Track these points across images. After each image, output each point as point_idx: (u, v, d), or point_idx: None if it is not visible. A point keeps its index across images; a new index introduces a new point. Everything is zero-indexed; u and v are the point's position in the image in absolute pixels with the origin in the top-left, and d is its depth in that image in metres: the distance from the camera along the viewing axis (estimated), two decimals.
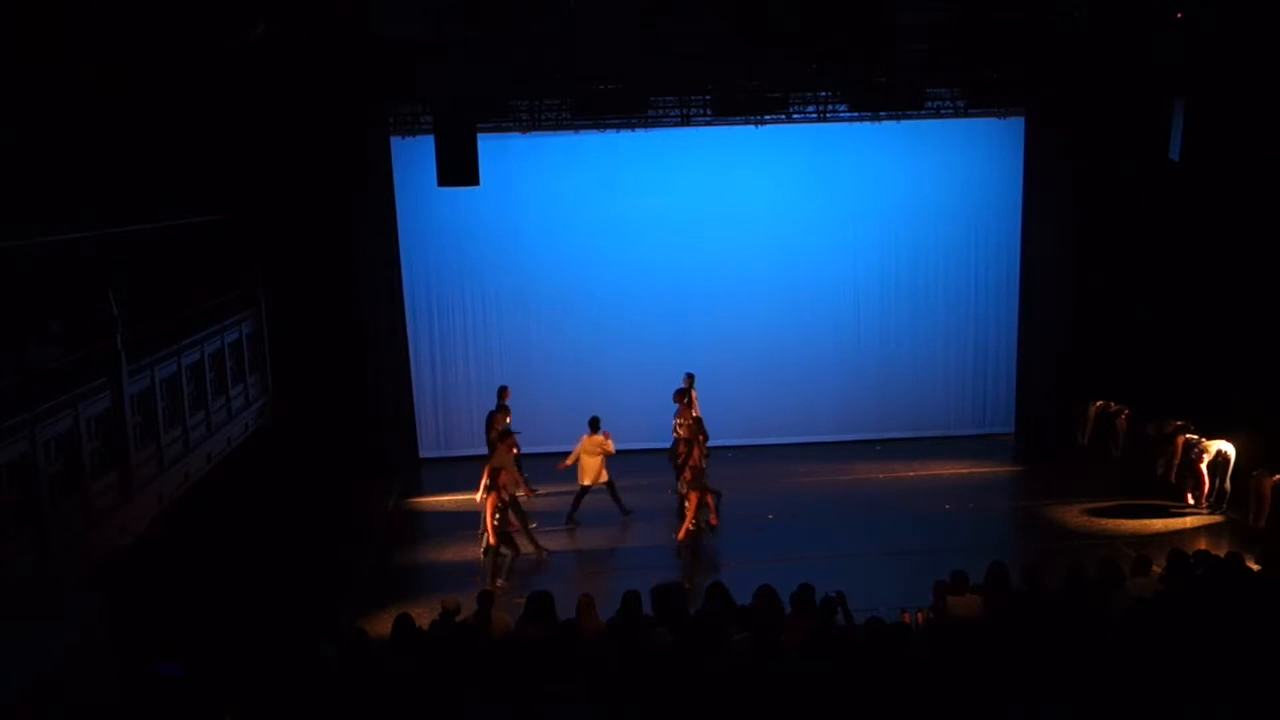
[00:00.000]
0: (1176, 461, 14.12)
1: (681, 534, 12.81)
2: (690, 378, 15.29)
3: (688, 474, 13.09)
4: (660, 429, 16.63)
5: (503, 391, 15.06)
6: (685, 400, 14.81)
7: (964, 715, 7.01)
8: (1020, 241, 17.12)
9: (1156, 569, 9.81)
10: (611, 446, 13.88)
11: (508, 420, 14.39)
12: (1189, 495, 13.91)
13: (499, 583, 11.58)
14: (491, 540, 11.91)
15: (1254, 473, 13.10)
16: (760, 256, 16.92)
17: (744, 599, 8.63)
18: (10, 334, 8.65)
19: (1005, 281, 17.38)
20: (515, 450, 13.91)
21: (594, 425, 14.03)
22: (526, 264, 16.75)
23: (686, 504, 13.03)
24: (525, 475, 14.21)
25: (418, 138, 15.37)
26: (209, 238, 13.78)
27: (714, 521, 13.46)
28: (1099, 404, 16.10)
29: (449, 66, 12.13)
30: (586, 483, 13.87)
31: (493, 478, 12.08)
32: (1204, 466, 13.72)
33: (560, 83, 14.36)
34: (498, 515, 11.85)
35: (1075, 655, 7.45)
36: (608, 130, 15.89)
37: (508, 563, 12.06)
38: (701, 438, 13.69)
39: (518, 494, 13.08)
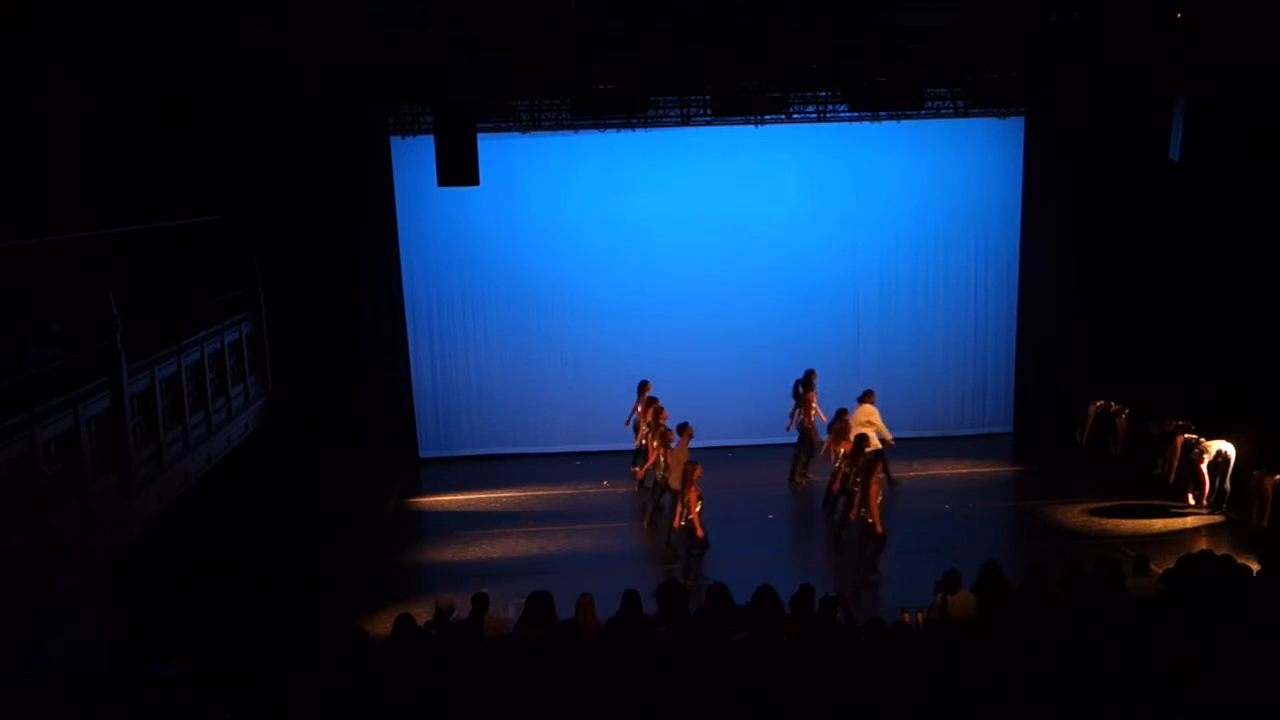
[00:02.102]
0: (1176, 461, 14.11)
1: (879, 527, 12.13)
2: (812, 373, 15.57)
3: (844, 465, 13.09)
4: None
5: (647, 385, 15.37)
6: (811, 395, 15.22)
7: (963, 715, 7.01)
8: (1020, 241, 17.13)
9: (1156, 569, 9.82)
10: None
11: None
12: (1189, 495, 13.91)
13: (689, 580, 11.64)
14: (699, 533, 11.95)
15: (1254, 472, 13.10)
16: (760, 256, 16.93)
17: (744, 599, 8.63)
18: (10, 334, 8.66)
19: (1005, 281, 17.39)
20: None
21: (867, 397, 14.64)
22: (527, 264, 16.74)
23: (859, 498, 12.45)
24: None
25: (418, 138, 15.37)
26: (209, 238, 13.78)
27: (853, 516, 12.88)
28: (1099, 404, 16.09)
29: (449, 66, 12.13)
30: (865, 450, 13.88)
31: (688, 473, 12.06)
32: (1204, 466, 13.72)
33: (560, 83, 14.35)
34: (699, 507, 11.93)
35: (1075, 655, 7.46)
36: (608, 130, 15.88)
37: (701, 556, 12.08)
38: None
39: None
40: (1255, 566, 9.76)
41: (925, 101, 15.10)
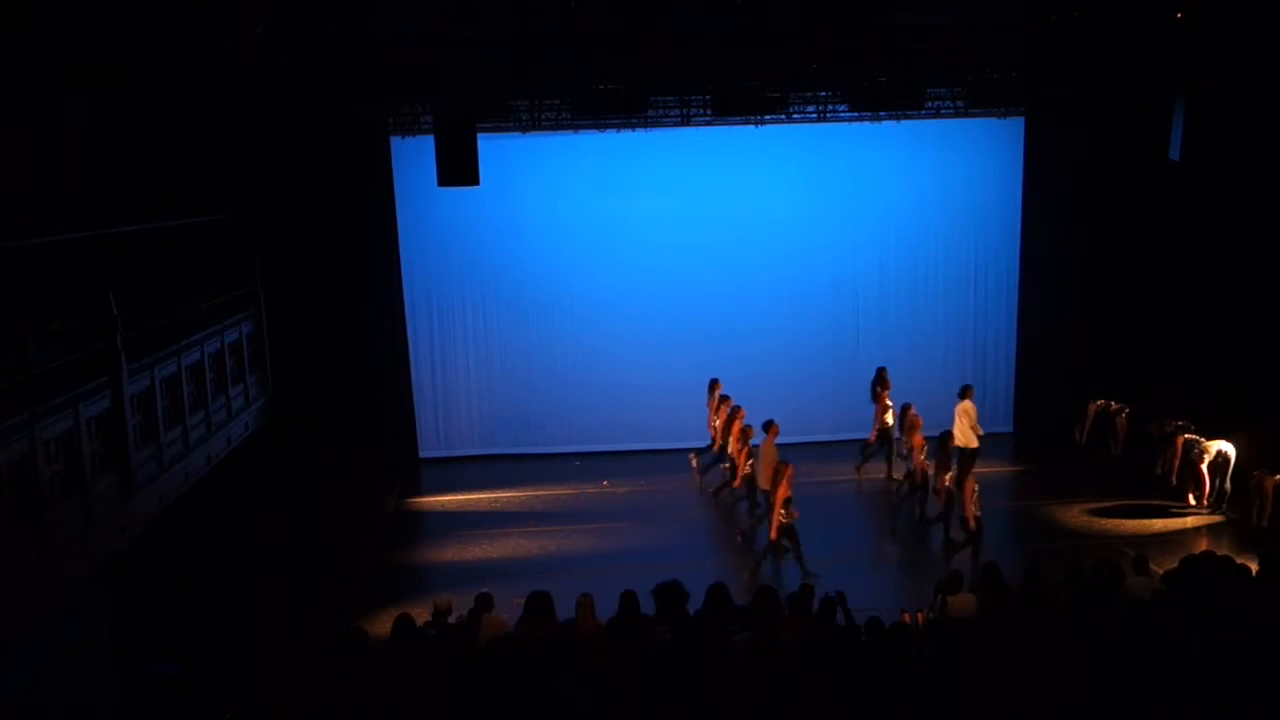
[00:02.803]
0: (1176, 462, 14.11)
1: (972, 522, 12.30)
2: (883, 371, 15.82)
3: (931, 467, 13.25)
4: (659, 429, 16.70)
5: (716, 383, 15.55)
6: (887, 395, 15.50)
7: (963, 715, 7.01)
8: (1020, 241, 17.13)
9: (1156, 569, 9.82)
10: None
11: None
12: (1189, 495, 13.90)
13: (807, 576, 11.69)
14: (773, 536, 12.08)
15: (1254, 473, 13.10)
16: (760, 256, 16.92)
17: (744, 599, 8.62)
18: (10, 334, 8.65)
19: (1005, 281, 17.39)
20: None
21: (965, 393, 14.76)
22: (526, 264, 16.74)
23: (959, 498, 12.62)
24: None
25: (418, 138, 15.36)
26: (209, 238, 13.78)
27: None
28: (1099, 403, 16.09)
29: (449, 66, 12.15)
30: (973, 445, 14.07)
31: (780, 471, 12.14)
32: (1204, 467, 13.71)
33: (560, 83, 14.36)
34: (785, 510, 12.03)
35: (1074, 655, 7.45)
36: (608, 130, 15.87)
37: (789, 556, 12.16)
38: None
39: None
40: (1255, 566, 9.76)
41: (925, 101, 15.12)
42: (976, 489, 12.27)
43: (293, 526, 13.42)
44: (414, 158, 15.34)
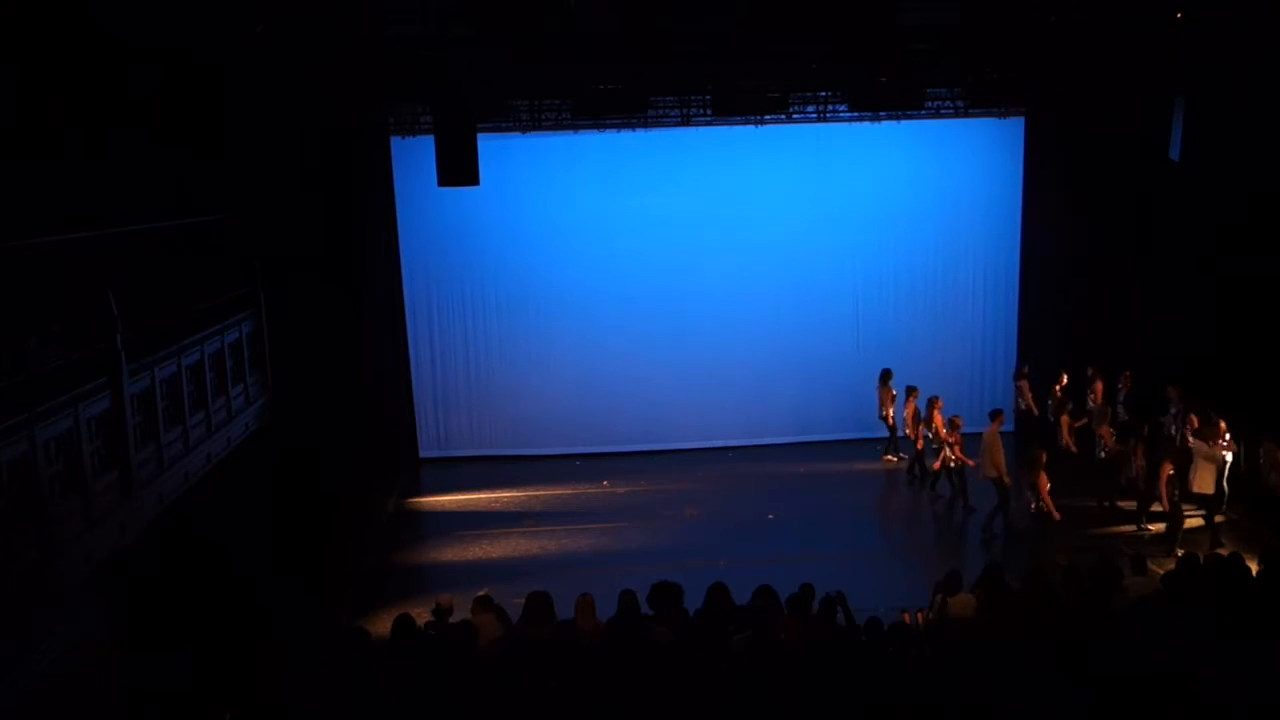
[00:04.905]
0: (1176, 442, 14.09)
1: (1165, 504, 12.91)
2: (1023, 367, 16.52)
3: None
4: (659, 429, 16.68)
5: (887, 373, 16.10)
6: (1024, 385, 16.24)
7: (963, 715, 7.01)
8: (1020, 241, 17.15)
9: (1156, 569, 9.83)
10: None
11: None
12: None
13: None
14: (1056, 515, 12.51)
15: (1264, 445, 13.03)
16: (760, 256, 16.95)
17: (744, 599, 8.63)
18: (10, 334, 8.65)
19: (1005, 281, 17.42)
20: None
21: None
22: (526, 264, 16.76)
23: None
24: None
25: (418, 138, 15.39)
26: (209, 238, 13.77)
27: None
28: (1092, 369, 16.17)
29: (449, 66, 12.13)
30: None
31: (1036, 458, 12.56)
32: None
33: (560, 83, 14.35)
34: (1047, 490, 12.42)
35: (1075, 655, 7.46)
36: (608, 130, 15.90)
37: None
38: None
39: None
40: (1255, 567, 9.75)
41: (925, 101, 15.12)
42: (1172, 474, 12.94)
43: (293, 527, 13.40)
44: (414, 158, 15.37)
